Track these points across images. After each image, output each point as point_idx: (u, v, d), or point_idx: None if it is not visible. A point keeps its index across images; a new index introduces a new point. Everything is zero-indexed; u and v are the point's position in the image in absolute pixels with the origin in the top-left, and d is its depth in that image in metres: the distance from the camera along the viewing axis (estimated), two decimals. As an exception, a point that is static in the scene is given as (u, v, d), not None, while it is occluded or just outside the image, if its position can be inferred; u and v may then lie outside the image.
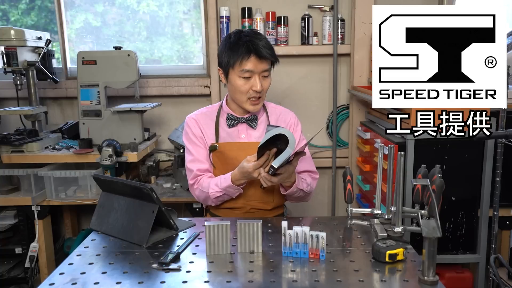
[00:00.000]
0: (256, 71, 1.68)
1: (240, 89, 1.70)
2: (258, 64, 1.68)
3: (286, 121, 1.84)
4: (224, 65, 1.73)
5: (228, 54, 1.69)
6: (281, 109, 1.88)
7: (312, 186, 1.80)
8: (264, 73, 1.71)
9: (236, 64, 1.68)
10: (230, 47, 1.69)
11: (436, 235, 1.06)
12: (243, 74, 1.68)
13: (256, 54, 1.66)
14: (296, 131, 1.84)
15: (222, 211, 1.80)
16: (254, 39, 1.68)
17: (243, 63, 1.67)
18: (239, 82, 1.69)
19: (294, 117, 1.87)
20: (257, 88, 1.68)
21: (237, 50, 1.67)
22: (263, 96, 1.75)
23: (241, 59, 1.66)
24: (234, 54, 1.67)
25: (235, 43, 1.68)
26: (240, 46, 1.66)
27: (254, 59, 1.67)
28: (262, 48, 1.67)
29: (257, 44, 1.67)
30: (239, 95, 1.72)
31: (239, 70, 1.68)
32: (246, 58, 1.66)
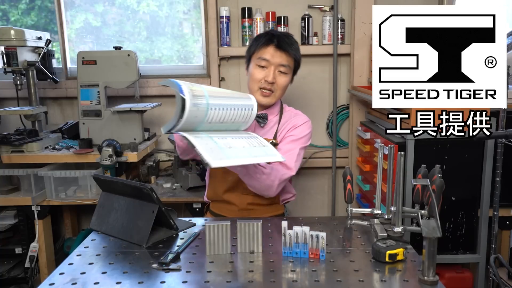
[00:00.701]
0: (272, 61, 1.71)
1: (254, 76, 1.74)
2: (275, 55, 1.71)
3: (293, 123, 1.82)
4: (247, 55, 1.81)
5: (252, 43, 1.79)
6: (297, 113, 1.87)
7: (276, 180, 1.64)
8: (281, 67, 1.73)
9: (256, 52, 1.75)
10: (256, 38, 1.79)
11: (436, 235, 1.06)
12: (260, 62, 1.73)
13: (277, 45, 1.71)
14: (294, 129, 1.78)
15: (219, 206, 1.82)
16: (281, 34, 1.76)
17: (261, 51, 1.73)
18: (254, 70, 1.75)
19: (304, 120, 1.82)
20: (269, 79, 1.71)
21: (260, 39, 1.75)
22: (276, 92, 1.76)
23: (260, 46, 1.73)
24: (256, 43, 1.76)
25: (262, 35, 1.78)
26: (264, 36, 1.75)
27: (273, 49, 1.71)
28: (284, 42, 1.72)
29: (282, 38, 1.73)
30: (252, 83, 1.76)
31: (257, 58, 1.74)
32: (265, 46, 1.72)
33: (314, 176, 2.97)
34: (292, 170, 1.70)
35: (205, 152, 1.21)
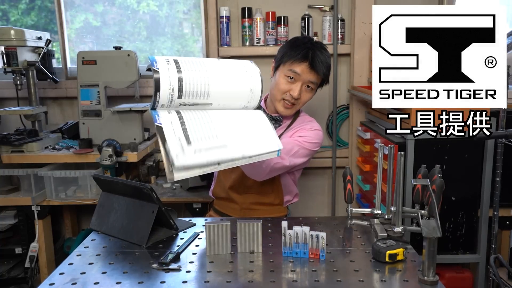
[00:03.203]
0: (302, 77, 1.69)
1: (280, 86, 1.71)
2: (307, 72, 1.69)
3: (303, 128, 1.80)
4: (278, 58, 1.75)
5: (286, 51, 1.72)
6: (310, 120, 1.85)
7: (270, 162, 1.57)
8: (309, 84, 1.71)
9: (288, 62, 1.70)
10: (292, 46, 1.73)
11: (436, 235, 1.06)
12: (289, 74, 1.70)
13: (311, 63, 1.67)
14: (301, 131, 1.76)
15: (223, 204, 1.82)
16: (317, 50, 1.70)
17: (294, 64, 1.69)
18: (282, 80, 1.71)
19: (314, 127, 1.80)
20: (295, 94, 1.69)
21: (295, 50, 1.70)
22: (297, 105, 1.75)
23: (294, 59, 1.68)
24: (291, 53, 1.70)
25: (298, 44, 1.72)
26: (301, 49, 1.69)
27: (306, 66, 1.68)
28: (319, 61, 1.68)
29: (317, 55, 1.69)
30: (276, 92, 1.73)
31: (288, 69, 1.70)
32: (298, 61, 1.68)
33: (314, 176, 2.97)
34: (285, 160, 1.64)
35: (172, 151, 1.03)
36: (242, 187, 1.77)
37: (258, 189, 1.77)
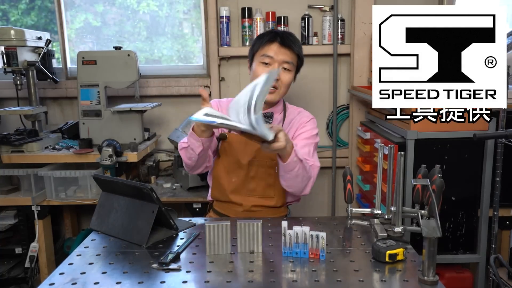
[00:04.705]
0: (276, 58, 1.71)
1: (258, 73, 1.71)
2: (279, 52, 1.71)
3: (300, 120, 1.82)
4: (250, 53, 1.79)
5: (255, 42, 1.77)
6: (300, 110, 1.87)
7: (312, 172, 1.65)
8: (285, 64, 1.73)
9: (259, 49, 1.73)
10: (259, 37, 1.78)
11: (436, 235, 1.06)
12: (264, 59, 1.72)
13: (281, 42, 1.70)
14: (304, 129, 1.78)
15: (224, 206, 1.81)
16: (284, 32, 1.77)
17: (265, 48, 1.72)
18: (258, 68, 1.73)
19: (308, 117, 1.83)
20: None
21: (263, 37, 1.74)
22: (280, 89, 1.75)
23: (264, 43, 1.72)
24: (259, 41, 1.75)
25: (264, 34, 1.77)
26: (268, 34, 1.75)
27: (277, 46, 1.71)
28: (288, 39, 1.71)
29: (285, 35, 1.73)
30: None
31: (261, 55, 1.72)
32: (269, 44, 1.72)
33: (314, 176, 2.97)
34: (312, 161, 1.69)
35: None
36: (245, 191, 1.76)
37: (261, 192, 1.77)
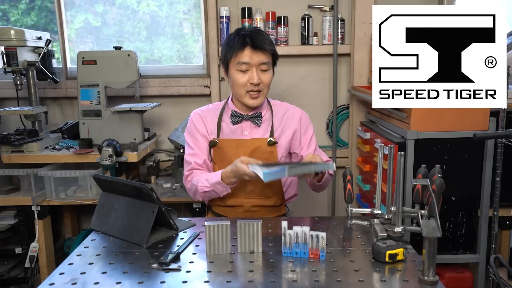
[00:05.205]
0: (252, 63, 1.69)
1: (238, 82, 1.71)
2: (254, 56, 1.68)
3: (293, 118, 1.82)
4: (223, 60, 1.76)
5: (226, 49, 1.73)
6: (287, 106, 1.87)
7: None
8: (262, 66, 1.71)
9: (233, 57, 1.70)
10: (228, 42, 1.73)
11: (436, 235, 1.06)
12: (240, 67, 1.69)
13: (252, 45, 1.67)
14: (308, 131, 1.85)
15: (223, 209, 1.81)
16: (252, 33, 1.71)
17: (238, 55, 1.68)
18: (237, 76, 1.71)
19: (301, 113, 1.85)
20: (254, 81, 1.68)
21: (233, 43, 1.69)
22: (263, 91, 1.74)
23: (237, 51, 1.68)
24: (230, 48, 1.70)
25: (232, 38, 1.72)
26: (237, 39, 1.69)
27: (250, 50, 1.68)
28: (259, 40, 1.68)
29: (254, 36, 1.69)
30: (238, 88, 1.73)
31: (236, 63, 1.70)
32: (241, 50, 1.68)
33: (314, 176, 2.97)
34: (324, 155, 1.83)
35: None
36: (243, 193, 1.76)
37: (259, 192, 1.77)
